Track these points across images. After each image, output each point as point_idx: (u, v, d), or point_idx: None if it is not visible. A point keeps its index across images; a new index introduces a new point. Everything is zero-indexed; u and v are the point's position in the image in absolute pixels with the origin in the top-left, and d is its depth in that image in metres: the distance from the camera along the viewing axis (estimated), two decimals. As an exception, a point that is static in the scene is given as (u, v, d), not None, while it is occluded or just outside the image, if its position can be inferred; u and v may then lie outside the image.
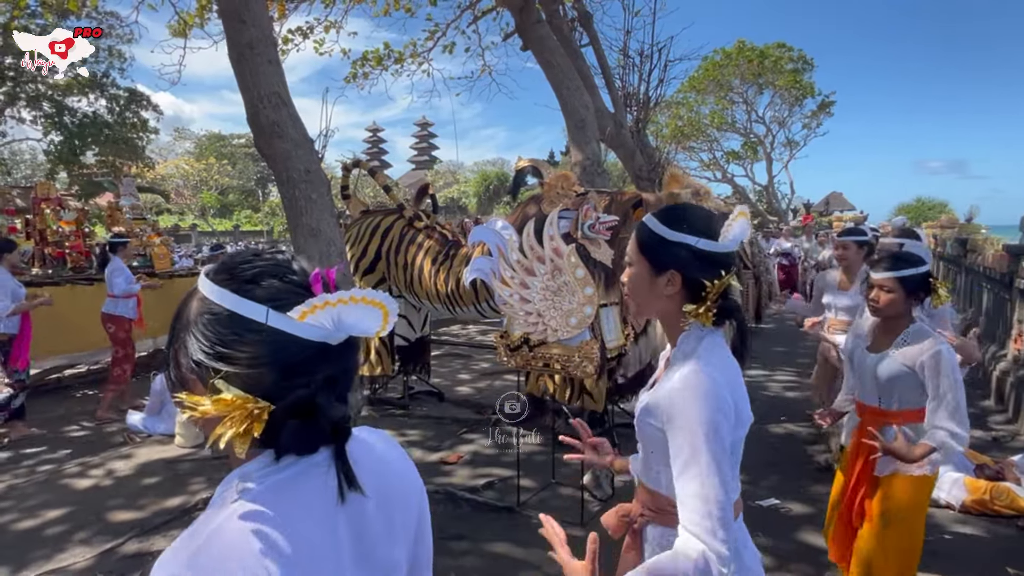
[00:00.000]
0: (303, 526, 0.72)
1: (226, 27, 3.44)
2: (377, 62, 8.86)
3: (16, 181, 28.92)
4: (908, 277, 2.23)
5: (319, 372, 0.73)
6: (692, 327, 1.27)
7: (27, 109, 19.64)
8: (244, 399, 0.68)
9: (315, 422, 0.73)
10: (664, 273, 1.26)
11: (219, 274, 0.74)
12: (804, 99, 24.28)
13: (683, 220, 1.27)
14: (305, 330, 0.70)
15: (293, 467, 0.74)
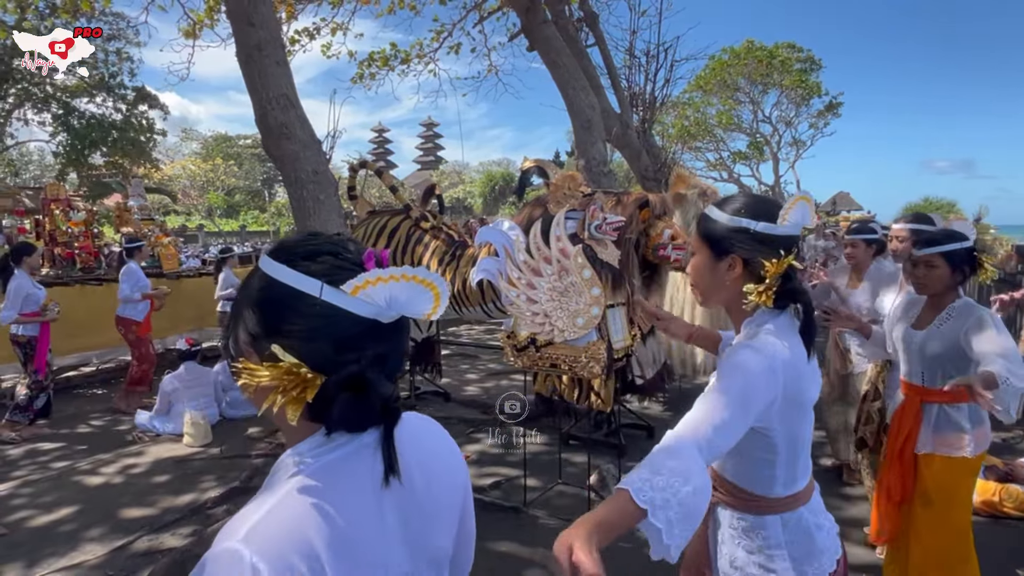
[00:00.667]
0: (354, 507, 0.74)
1: (235, 29, 3.46)
2: (384, 63, 8.90)
3: (25, 182, 29.15)
4: (952, 252, 2.22)
5: (369, 348, 0.74)
6: (757, 313, 1.32)
7: (36, 111, 19.79)
8: (297, 366, 0.71)
9: (365, 398, 0.75)
10: (725, 258, 1.31)
11: (278, 252, 0.78)
12: (811, 99, 24.19)
13: (741, 206, 1.31)
14: (357, 305, 0.73)
15: (345, 447, 0.77)
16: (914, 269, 2.31)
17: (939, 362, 2.24)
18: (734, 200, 1.34)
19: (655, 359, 4.59)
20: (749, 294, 1.27)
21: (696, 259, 1.37)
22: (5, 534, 3.50)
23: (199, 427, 4.94)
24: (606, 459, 4.03)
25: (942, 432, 2.28)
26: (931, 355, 2.25)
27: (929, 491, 2.28)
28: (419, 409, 5.88)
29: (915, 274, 2.30)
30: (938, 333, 2.24)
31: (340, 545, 0.71)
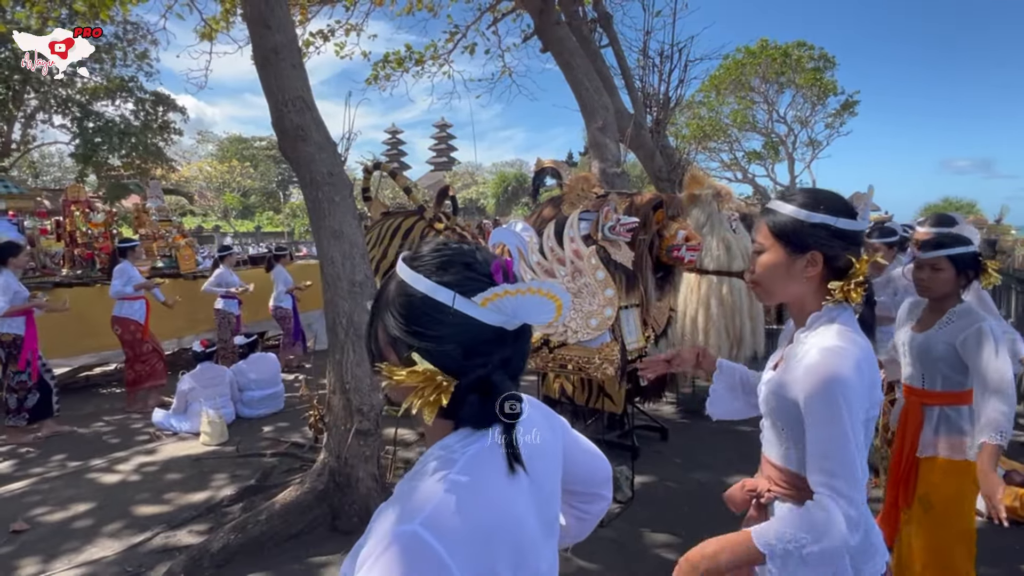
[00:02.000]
0: (505, 494, 0.82)
1: (251, 33, 3.50)
2: (398, 64, 8.93)
3: (46, 184, 29.62)
4: (958, 255, 2.21)
5: (496, 353, 0.82)
6: (826, 308, 1.31)
7: (57, 114, 20.09)
8: (434, 372, 0.78)
9: (491, 399, 0.82)
10: (804, 255, 1.30)
11: (415, 261, 0.84)
12: (827, 98, 23.93)
13: (819, 202, 1.31)
14: (486, 315, 0.80)
15: (483, 439, 0.84)
16: (918, 271, 2.29)
17: (938, 365, 2.25)
18: (807, 195, 1.34)
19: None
20: (834, 291, 1.28)
21: (768, 256, 1.35)
22: (27, 529, 3.56)
23: (216, 426, 4.99)
24: (619, 461, 4.02)
25: (944, 435, 2.27)
26: (931, 358, 2.26)
27: (930, 495, 2.26)
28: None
29: (919, 276, 2.29)
30: (938, 337, 2.23)
31: (503, 532, 0.79)
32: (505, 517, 0.80)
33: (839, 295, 1.28)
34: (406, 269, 0.84)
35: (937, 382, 2.27)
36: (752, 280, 1.40)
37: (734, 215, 5.33)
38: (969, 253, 2.22)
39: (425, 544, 0.73)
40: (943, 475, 2.24)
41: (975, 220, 12.88)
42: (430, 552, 0.72)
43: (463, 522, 0.76)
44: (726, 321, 4.98)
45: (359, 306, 3.42)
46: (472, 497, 0.78)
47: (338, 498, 3.44)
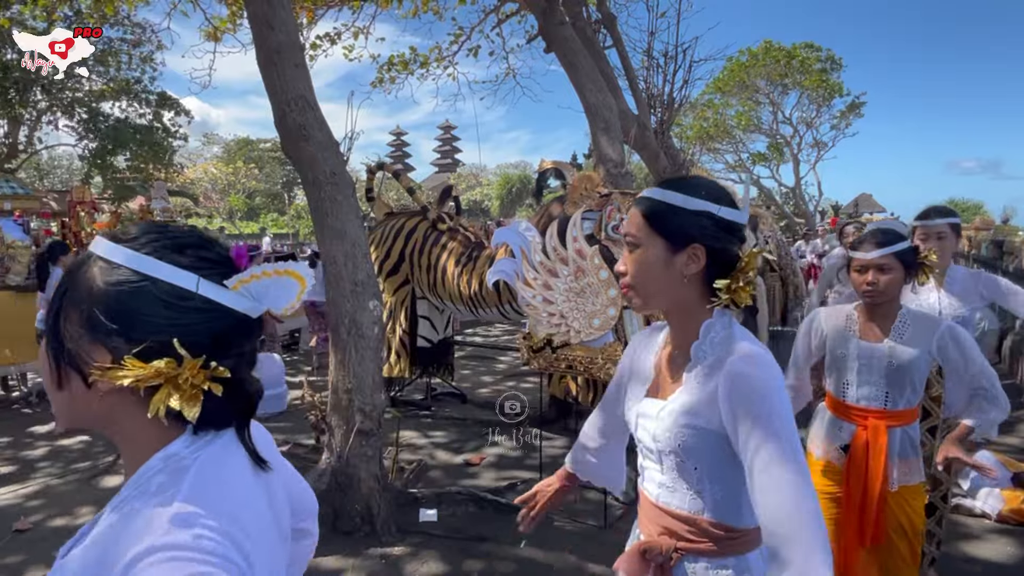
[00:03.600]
0: (249, 494, 0.73)
1: (254, 33, 3.50)
2: (403, 66, 8.95)
3: (52, 185, 29.80)
4: (904, 251, 2.01)
5: (242, 344, 0.74)
6: (716, 314, 1.13)
7: (63, 116, 20.22)
8: (192, 363, 0.68)
9: (236, 395, 0.74)
10: (684, 249, 1.10)
11: (136, 241, 0.71)
12: (832, 99, 23.85)
13: (699, 187, 1.13)
14: (236, 300, 0.71)
15: (216, 441, 0.74)
16: (861, 275, 2.03)
17: (909, 379, 1.99)
18: (685, 181, 1.15)
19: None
20: (721, 291, 1.09)
21: (644, 252, 1.13)
22: (30, 528, 3.57)
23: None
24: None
25: (905, 458, 2.05)
26: (896, 369, 1.99)
27: (904, 525, 2.04)
28: (435, 411, 5.89)
29: (865, 280, 2.01)
30: (901, 345, 1.99)
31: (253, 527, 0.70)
32: (258, 515, 0.73)
33: (725, 296, 1.10)
34: (123, 250, 0.70)
35: (901, 399, 2.01)
36: (626, 283, 1.17)
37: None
38: (911, 248, 2.04)
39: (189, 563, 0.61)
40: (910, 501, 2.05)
41: (982, 221, 12.83)
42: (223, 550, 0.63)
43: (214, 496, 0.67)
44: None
45: (361, 306, 3.41)
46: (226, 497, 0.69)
47: (340, 498, 3.43)
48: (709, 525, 1.14)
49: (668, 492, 1.17)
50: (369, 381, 3.45)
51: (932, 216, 2.61)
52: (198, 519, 0.64)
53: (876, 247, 2.00)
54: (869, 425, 2.02)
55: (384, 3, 7.97)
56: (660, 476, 1.19)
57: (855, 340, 2.07)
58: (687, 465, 1.12)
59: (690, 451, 1.11)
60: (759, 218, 6.36)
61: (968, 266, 11.14)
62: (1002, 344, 7.05)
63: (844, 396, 2.10)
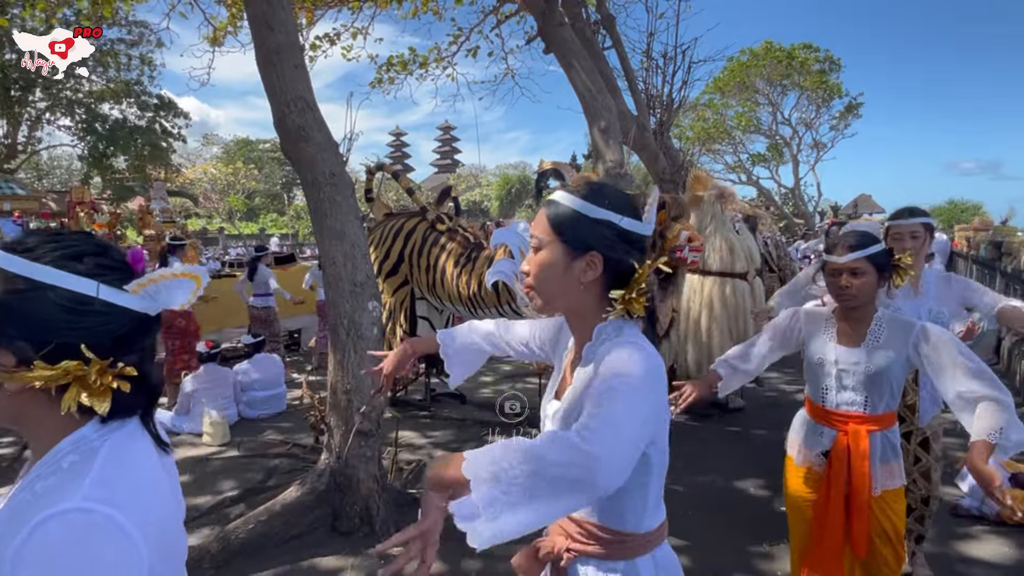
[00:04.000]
0: (156, 474, 0.82)
1: (254, 33, 3.50)
2: (403, 67, 8.95)
3: (51, 185, 29.78)
4: (877, 254, 1.98)
5: (143, 341, 0.82)
6: (610, 319, 1.14)
7: (62, 116, 20.22)
8: (99, 363, 0.75)
9: (143, 387, 0.82)
10: (583, 256, 1.11)
11: (32, 252, 0.76)
12: (831, 100, 23.88)
13: (604, 196, 1.13)
14: (135, 302, 0.79)
15: (122, 428, 0.82)
16: (834, 278, 2.01)
17: (884, 382, 1.97)
18: (591, 188, 1.15)
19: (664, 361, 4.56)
20: (616, 301, 1.10)
21: (544, 255, 1.14)
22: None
23: (218, 427, 4.99)
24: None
25: (887, 462, 2.03)
26: (874, 374, 1.96)
27: (888, 530, 2.02)
28: (435, 411, 5.89)
29: (838, 284, 2.00)
30: (878, 350, 1.97)
31: (156, 508, 0.78)
32: (161, 496, 0.81)
33: (620, 307, 1.11)
34: (23, 263, 0.74)
35: (881, 404, 1.99)
36: (528, 283, 1.17)
37: (737, 216, 5.32)
38: (884, 251, 2.01)
39: (105, 522, 0.70)
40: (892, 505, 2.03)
41: (981, 222, 12.84)
42: (111, 524, 0.70)
43: (134, 500, 0.74)
44: (729, 322, 4.96)
45: (360, 306, 3.42)
46: (135, 476, 0.77)
47: (339, 499, 3.43)
48: (595, 528, 1.15)
49: None
50: (368, 382, 3.45)
51: (905, 216, 2.58)
52: (106, 493, 0.72)
53: (849, 250, 1.99)
54: (850, 430, 2.01)
55: (383, 4, 7.98)
56: None
57: (832, 345, 2.06)
58: None
59: None
60: (758, 218, 6.37)
61: (968, 267, 11.13)
62: (1000, 344, 7.06)
63: (824, 401, 2.09)
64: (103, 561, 0.68)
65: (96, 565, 0.68)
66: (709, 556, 3.19)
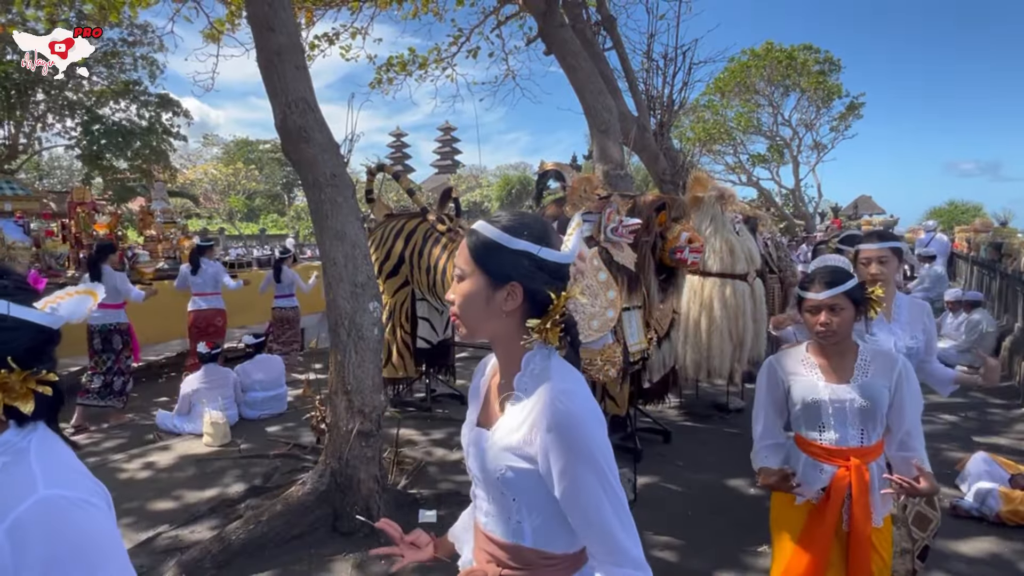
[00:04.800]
0: (79, 465, 0.92)
1: (255, 35, 3.51)
2: (402, 67, 8.96)
3: (52, 186, 29.79)
4: (853, 289, 2.00)
5: (51, 351, 0.92)
6: (536, 347, 1.16)
7: (65, 117, 20.23)
8: (20, 372, 0.86)
9: (55, 393, 0.92)
10: (504, 286, 1.13)
11: None
12: (831, 101, 23.85)
13: (523, 227, 1.15)
14: (43, 318, 0.89)
15: (36, 429, 0.91)
16: (813, 316, 2.01)
17: (877, 413, 1.98)
18: (511, 218, 1.17)
19: (664, 364, 4.56)
20: (533, 330, 1.13)
21: (467, 284, 1.16)
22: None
23: (219, 427, 5.00)
24: (622, 463, 4.01)
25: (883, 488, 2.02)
26: (868, 407, 1.97)
27: (884, 559, 2.02)
28: (434, 411, 5.89)
29: (818, 321, 1.99)
30: (869, 383, 1.98)
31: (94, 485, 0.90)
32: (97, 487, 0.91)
33: (537, 336, 1.13)
34: None
35: (875, 434, 2.00)
36: (453, 312, 1.20)
37: (738, 217, 5.32)
38: (859, 285, 2.03)
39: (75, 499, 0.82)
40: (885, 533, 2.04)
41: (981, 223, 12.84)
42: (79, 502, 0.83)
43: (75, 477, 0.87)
44: (729, 323, 4.97)
45: (361, 307, 3.43)
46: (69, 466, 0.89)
47: (340, 499, 3.44)
48: (529, 553, 1.17)
49: (493, 521, 1.21)
50: (369, 382, 3.46)
51: (875, 240, 2.60)
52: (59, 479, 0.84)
53: (826, 287, 1.99)
54: (852, 465, 1.98)
55: (383, 4, 7.99)
56: (487, 505, 1.22)
57: (822, 384, 2.04)
58: (507, 496, 1.15)
59: (509, 484, 1.13)
60: (758, 219, 6.37)
61: (968, 268, 11.14)
62: (1000, 345, 7.06)
63: (820, 439, 2.06)
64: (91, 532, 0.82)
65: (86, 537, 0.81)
66: (707, 556, 3.20)
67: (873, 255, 2.56)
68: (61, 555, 0.78)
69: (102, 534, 0.84)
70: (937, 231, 11.86)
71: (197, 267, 6.42)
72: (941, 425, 5.17)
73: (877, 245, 2.57)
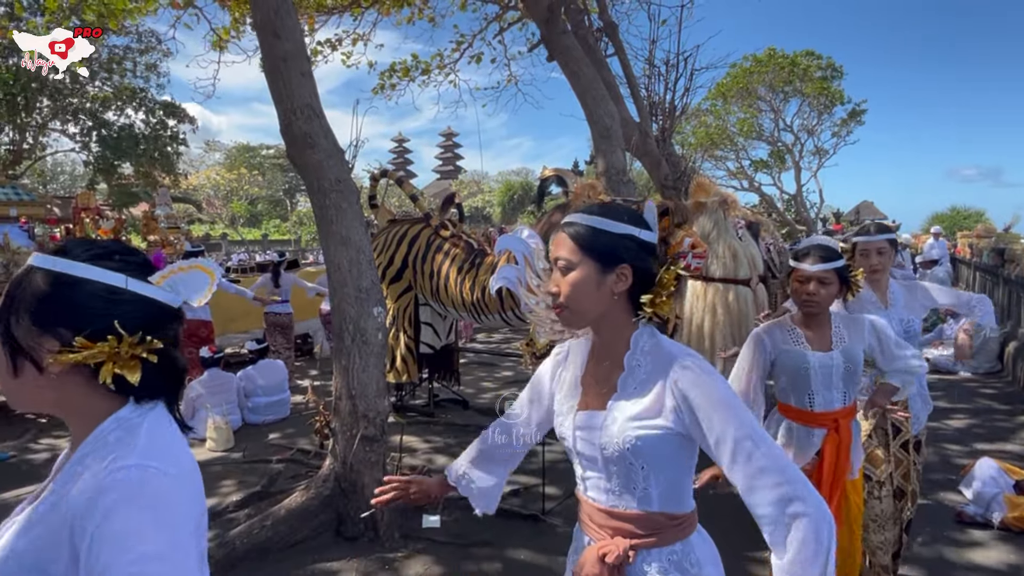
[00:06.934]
0: (185, 448, 0.92)
1: (261, 42, 3.53)
2: (404, 73, 8.99)
3: (56, 191, 29.90)
4: (842, 268, 2.21)
5: (168, 329, 0.91)
6: (641, 326, 1.25)
7: (68, 123, 20.33)
8: (129, 339, 0.85)
9: (171, 371, 0.93)
10: (614, 269, 1.21)
11: (70, 254, 0.88)
12: (833, 107, 23.87)
13: (620, 212, 1.26)
14: (159, 293, 0.90)
15: (154, 409, 0.91)
16: (802, 285, 2.19)
17: (856, 374, 2.23)
18: (606, 208, 1.27)
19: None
20: (645, 305, 1.22)
21: (576, 274, 1.21)
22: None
23: (222, 432, 5.00)
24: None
25: (857, 444, 2.28)
26: (849, 371, 2.20)
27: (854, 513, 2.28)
28: (438, 416, 5.88)
29: (805, 291, 2.18)
30: (848, 347, 2.21)
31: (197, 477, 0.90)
32: (195, 467, 0.91)
33: (650, 309, 1.21)
34: (64, 262, 0.87)
35: (853, 393, 2.24)
36: (559, 304, 1.24)
37: (740, 223, 5.33)
38: (846, 265, 2.23)
39: (159, 473, 0.81)
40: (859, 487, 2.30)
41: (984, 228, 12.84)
42: (165, 481, 0.81)
43: (177, 462, 0.86)
44: (732, 328, 4.96)
45: (366, 312, 3.43)
46: (173, 445, 0.89)
47: (343, 504, 3.44)
48: (659, 516, 1.22)
49: (616, 496, 1.24)
50: (373, 387, 3.46)
51: (873, 232, 2.78)
52: (156, 454, 0.84)
53: (820, 260, 2.17)
54: (841, 424, 2.19)
55: (385, 11, 8.03)
56: (606, 483, 1.25)
57: (809, 352, 2.22)
58: (635, 466, 1.20)
59: (639, 452, 1.18)
60: (761, 225, 6.37)
61: (971, 273, 11.12)
62: (1004, 351, 7.05)
63: (812, 406, 2.23)
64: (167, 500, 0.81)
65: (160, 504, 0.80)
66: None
67: (873, 247, 2.74)
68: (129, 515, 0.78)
69: (178, 504, 0.83)
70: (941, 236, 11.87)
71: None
72: (946, 430, 5.16)
73: (877, 237, 2.76)
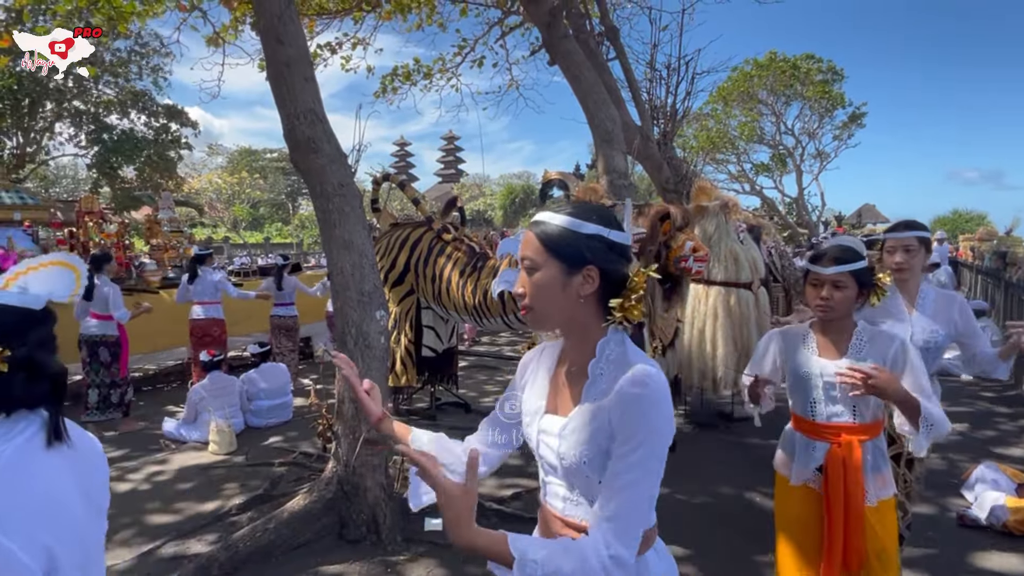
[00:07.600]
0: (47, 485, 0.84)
1: (264, 47, 3.56)
2: (406, 77, 9.02)
3: (58, 195, 29.98)
4: (861, 270, 2.01)
5: (31, 334, 0.85)
6: (610, 332, 1.19)
7: (71, 127, 20.41)
8: None
9: (39, 377, 0.86)
10: (580, 270, 1.15)
11: None
12: (834, 110, 23.90)
13: (590, 211, 1.18)
14: (8, 297, 0.84)
15: (27, 428, 0.84)
16: (816, 289, 2.04)
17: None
18: (575, 207, 1.20)
19: (668, 373, 4.57)
20: (615, 309, 1.15)
21: (541, 275, 1.16)
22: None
23: (224, 435, 5.01)
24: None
25: (879, 471, 2.03)
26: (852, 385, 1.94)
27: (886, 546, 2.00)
28: (439, 419, 5.90)
29: (818, 295, 2.02)
30: (862, 360, 1.98)
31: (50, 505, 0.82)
32: (62, 503, 0.84)
33: (619, 313, 1.15)
34: None
35: (868, 413, 2.02)
36: (525, 304, 1.19)
37: (741, 226, 5.34)
38: (867, 267, 2.03)
39: None
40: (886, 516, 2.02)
41: (986, 232, 12.85)
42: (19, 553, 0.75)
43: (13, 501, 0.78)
44: (734, 332, 4.97)
45: (368, 315, 3.45)
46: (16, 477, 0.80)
47: (346, 507, 3.45)
48: None
49: (573, 505, 1.22)
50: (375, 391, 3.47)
51: (901, 228, 2.54)
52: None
53: (834, 263, 2.01)
54: (843, 441, 2.00)
55: (386, 16, 8.05)
56: (565, 491, 1.23)
57: (815, 358, 2.08)
58: (592, 480, 1.16)
59: (593, 466, 1.15)
60: (762, 228, 6.39)
61: (972, 277, 11.12)
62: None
63: (813, 415, 2.08)
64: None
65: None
66: (713, 565, 3.19)
67: (899, 243, 2.51)
68: None
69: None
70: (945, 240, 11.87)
71: (194, 276, 6.33)
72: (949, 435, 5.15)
73: (903, 233, 2.52)
